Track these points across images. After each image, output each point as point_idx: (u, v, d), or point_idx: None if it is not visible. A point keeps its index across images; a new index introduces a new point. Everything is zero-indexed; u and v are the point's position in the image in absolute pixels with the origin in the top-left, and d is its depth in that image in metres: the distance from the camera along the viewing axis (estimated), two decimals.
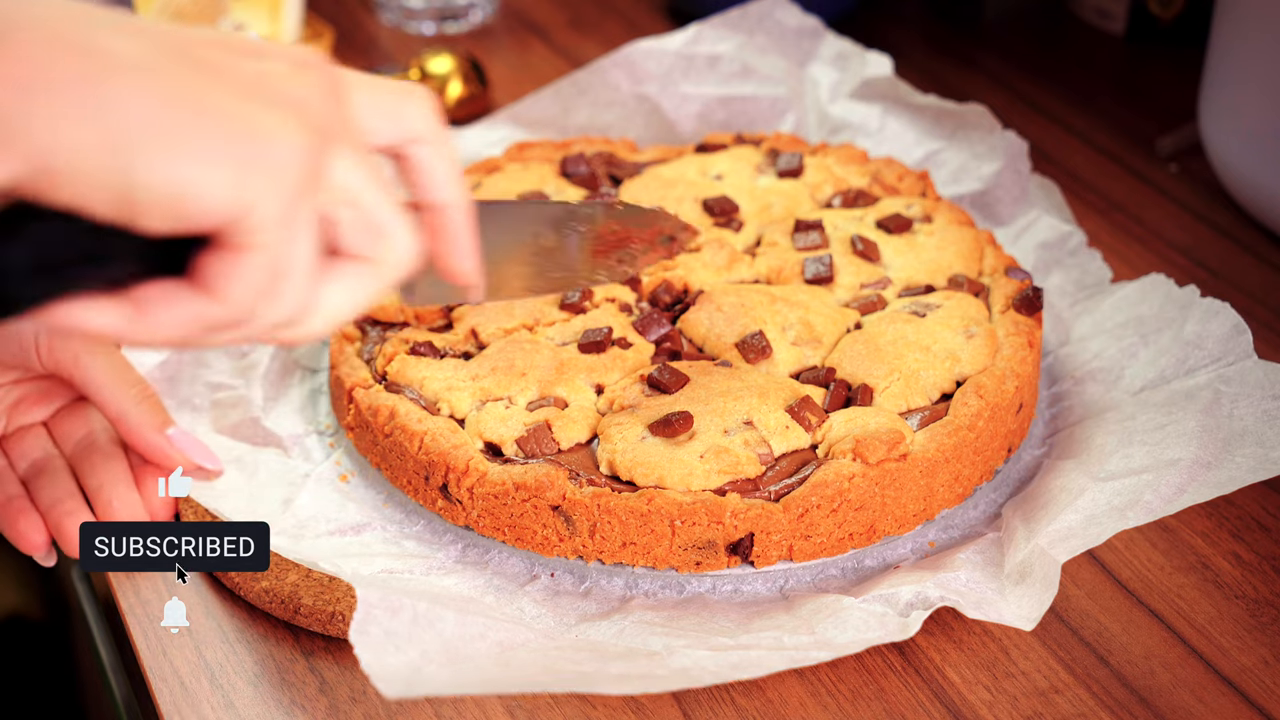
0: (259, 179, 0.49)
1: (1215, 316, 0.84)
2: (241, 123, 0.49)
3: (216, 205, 0.48)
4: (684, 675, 0.67)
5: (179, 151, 0.47)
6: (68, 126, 0.45)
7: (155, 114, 0.47)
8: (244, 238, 0.49)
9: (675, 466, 0.75)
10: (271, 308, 0.51)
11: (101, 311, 0.50)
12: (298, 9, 1.22)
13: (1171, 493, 0.75)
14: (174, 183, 0.47)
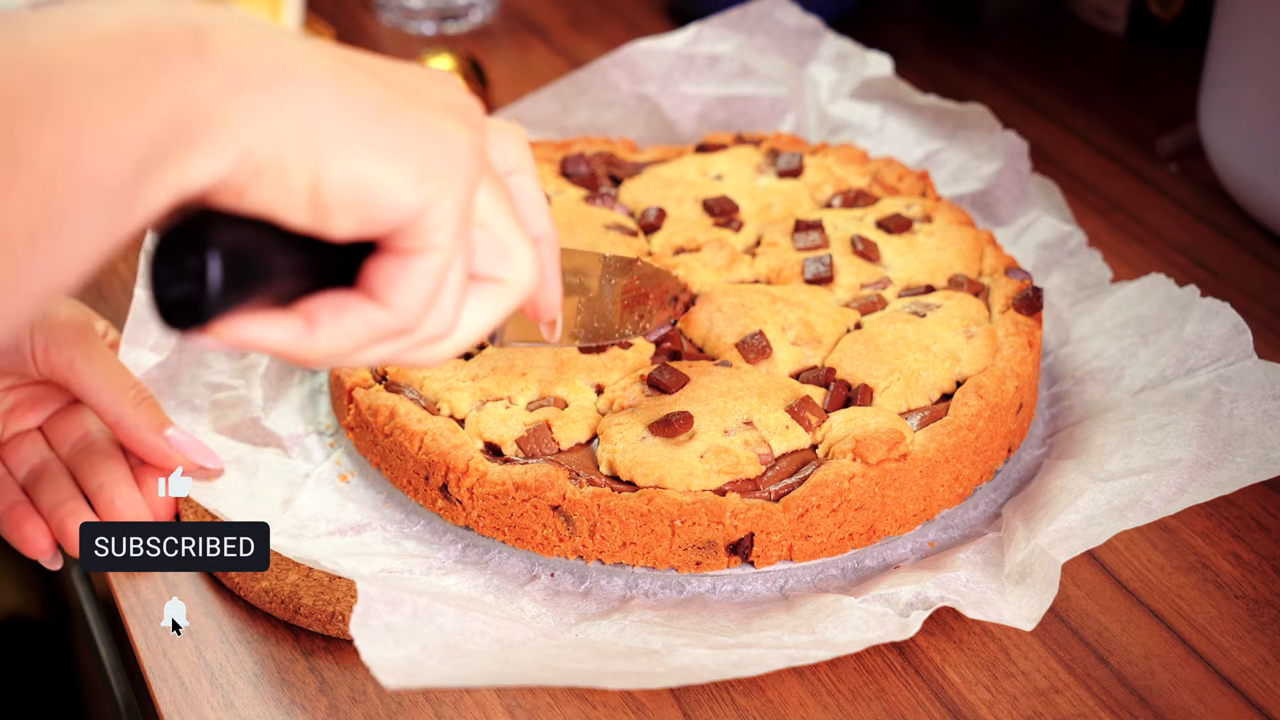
0: (438, 177, 0.50)
1: (1215, 316, 0.85)
2: (421, 123, 0.50)
3: (402, 203, 0.50)
4: (684, 673, 0.67)
5: (367, 149, 0.49)
6: (270, 121, 0.46)
7: (344, 113, 0.48)
8: (418, 240, 0.51)
9: (675, 466, 0.75)
10: (431, 318, 0.53)
11: (274, 326, 0.51)
12: (298, 9, 1.22)
13: (1171, 493, 0.75)
14: (363, 180, 0.49)
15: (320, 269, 0.51)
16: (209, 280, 0.47)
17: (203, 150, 0.45)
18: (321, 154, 0.47)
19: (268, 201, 0.47)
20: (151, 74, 0.44)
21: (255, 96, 0.46)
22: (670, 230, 0.92)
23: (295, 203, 0.48)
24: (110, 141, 0.42)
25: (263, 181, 0.47)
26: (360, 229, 0.50)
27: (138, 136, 0.43)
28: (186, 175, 0.45)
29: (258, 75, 0.46)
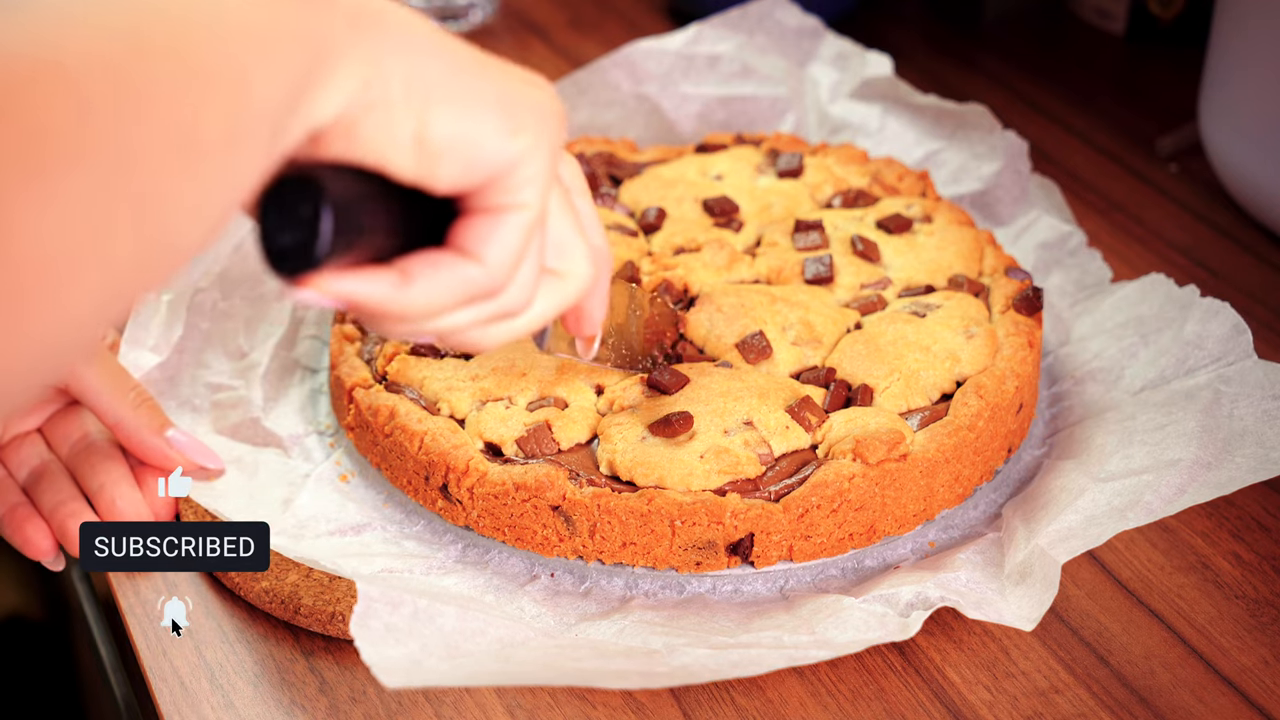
0: (531, 132, 0.53)
1: (1215, 316, 0.84)
2: (513, 83, 0.54)
3: (499, 150, 0.53)
4: (684, 672, 0.67)
5: (467, 96, 0.52)
6: (382, 60, 0.49)
7: (445, 62, 0.51)
8: (509, 194, 0.54)
9: (675, 467, 0.75)
10: (516, 282, 0.56)
11: (371, 281, 0.53)
12: None
13: (1171, 493, 0.75)
14: (465, 126, 0.52)
15: (415, 229, 0.54)
16: (321, 228, 0.49)
17: (332, 82, 0.48)
18: (427, 97, 0.50)
19: (378, 144, 0.50)
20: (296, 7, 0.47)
21: (371, 36, 0.49)
22: (670, 230, 0.92)
23: (401, 146, 0.50)
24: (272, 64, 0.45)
25: (374, 120, 0.49)
26: (461, 177, 0.52)
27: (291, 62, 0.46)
28: (319, 107, 0.48)
29: (373, 19, 0.49)
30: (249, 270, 0.90)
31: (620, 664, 0.67)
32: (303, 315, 0.92)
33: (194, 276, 0.87)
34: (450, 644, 0.66)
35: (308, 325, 0.91)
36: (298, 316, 0.91)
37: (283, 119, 0.46)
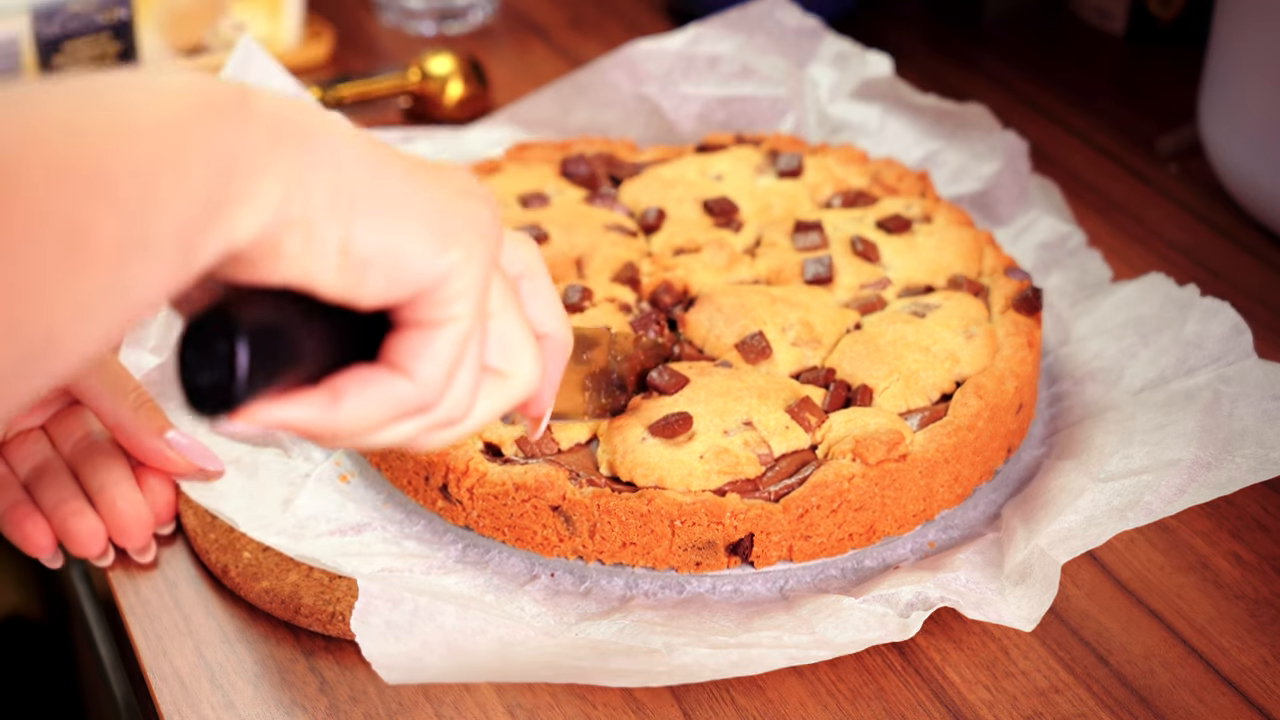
0: (462, 245, 0.51)
1: (1215, 316, 0.85)
2: (445, 193, 0.52)
3: (428, 267, 0.51)
4: (684, 671, 0.67)
5: (395, 211, 0.50)
6: (305, 176, 0.47)
7: (373, 175, 0.50)
8: (441, 309, 0.52)
9: (675, 467, 0.75)
10: (451, 395, 0.54)
11: (299, 406, 0.52)
12: (298, 9, 1.22)
13: (1171, 493, 0.75)
14: (392, 241, 0.50)
15: (347, 344, 0.52)
16: (238, 366, 0.47)
17: (250, 200, 0.46)
18: (352, 210, 0.49)
19: (299, 263, 0.48)
20: (211, 121, 0.45)
21: (291, 150, 0.47)
22: (670, 231, 0.92)
23: (326, 264, 0.49)
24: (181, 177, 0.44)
25: (295, 238, 0.48)
26: (387, 292, 0.51)
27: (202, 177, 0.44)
28: (237, 226, 0.46)
29: (295, 132, 0.48)
30: None
31: (620, 663, 0.68)
32: None
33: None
34: (451, 641, 0.66)
35: None
36: None
37: (195, 236, 0.45)
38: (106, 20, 1.12)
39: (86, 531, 0.74)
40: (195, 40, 1.17)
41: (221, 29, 1.18)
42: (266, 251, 0.47)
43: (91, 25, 1.11)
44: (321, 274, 0.49)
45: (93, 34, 1.12)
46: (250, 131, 0.46)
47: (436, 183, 0.52)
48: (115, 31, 1.13)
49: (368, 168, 0.50)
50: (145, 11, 1.14)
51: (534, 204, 0.94)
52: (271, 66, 0.91)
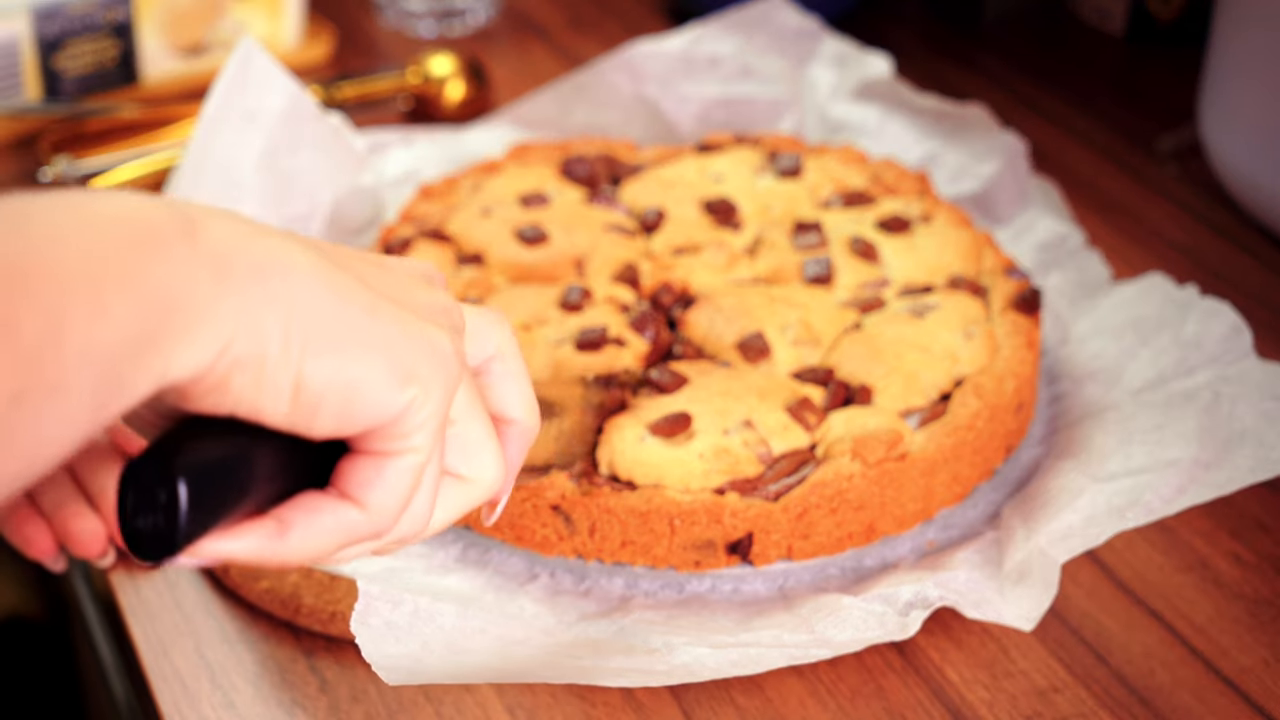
0: (421, 380, 0.49)
1: (1215, 316, 0.85)
2: (405, 326, 0.50)
3: (384, 403, 0.49)
4: (684, 670, 0.67)
5: (351, 347, 0.48)
6: (255, 315, 0.45)
7: (329, 311, 0.47)
8: (396, 441, 0.50)
9: (674, 466, 0.75)
10: (406, 519, 0.52)
11: (246, 538, 0.50)
12: (298, 9, 1.22)
13: (1171, 493, 0.75)
14: (347, 378, 0.48)
15: (293, 471, 0.50)
16: (179, 513, 0.46)
17: (187, 339, 0.44)
18: (305, 350, 0.47)
19: (248, 397, 0.46)
20: (145, 254, 0.43)
21: (241, 289, 0.45)
22: (670, 231, 0.92)
23: (276, 399, 0.47)
24: (100, 315, 0.41)
25: (244, 376, 0.46)
26: (340, 427, 0.49)
27: (127, 313, 0.42)
28: (170, 363, 0.44)
29: (245, 268, 0.46)
30: None
31: (620, 662, 0.68)
32: None
33: None
34: (450, 642, 0.66)
35: None
36: None
37: (119, 369, 0.42)
38: (106, 20, 1.12)
39: (88, 532, 0.73)
40: (195, 40, 1.17)
41: (221, 29, 1.18)
42: (211, 387, 0.46)
43: (91, 25, 1.12)
44: (271, 409, 0.47)
45: (93, 34, 1.12)
46: (193, 267, 0.44)
47: (398, 310, 0.50)
48: (115, 31, 1.13)
49: (327, 300, 0.47)
50: (145, 11, 1.14)
51: (534, 204, 0.94)
52: (272, 67, 0.91)
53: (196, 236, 0.45)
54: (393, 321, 0.49)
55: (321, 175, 0.94)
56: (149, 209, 0.44)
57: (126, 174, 1.02)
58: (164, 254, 0.44)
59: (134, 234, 0.43)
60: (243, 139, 0.90)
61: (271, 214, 0.92)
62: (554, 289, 0.87)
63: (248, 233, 0.47)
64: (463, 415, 0.54)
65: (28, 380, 0.40)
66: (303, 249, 0.48)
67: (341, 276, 0.49)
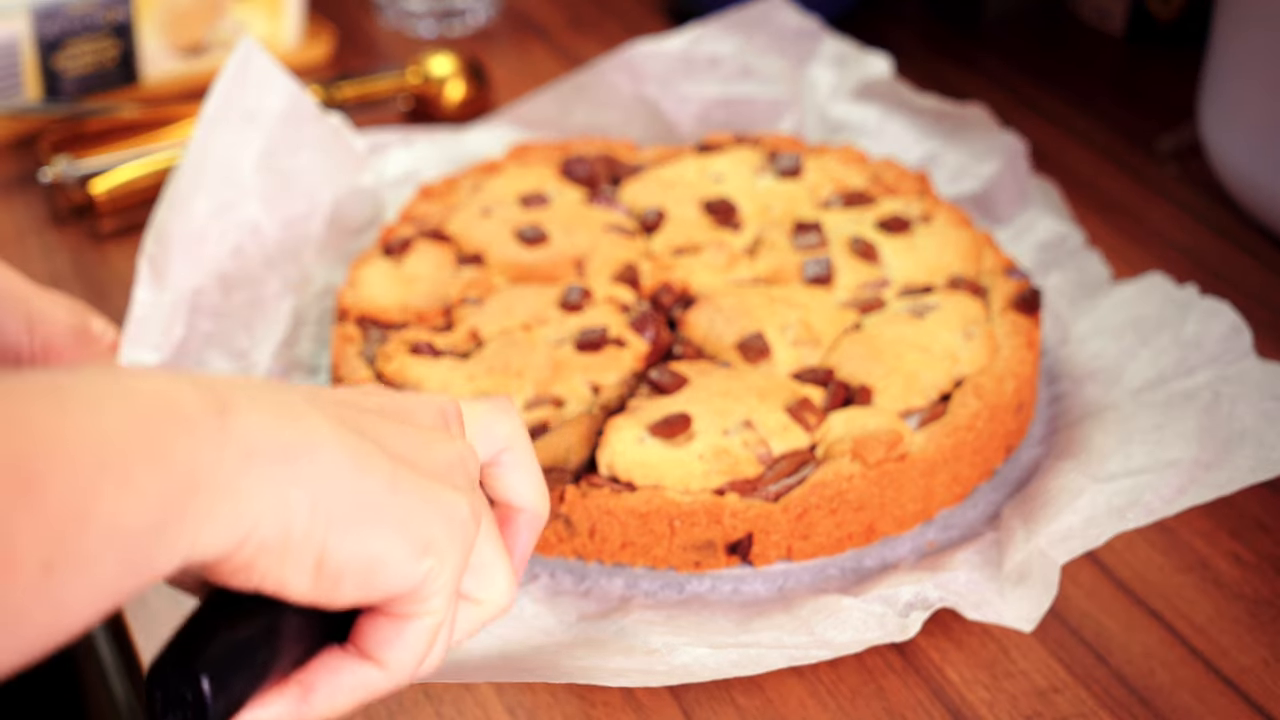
0: (439, 549, 0.51)
1: (1215, 316, 0.85)
2: (424, 494, 0.51)
3: (405, 575, 0.50)
4: (684, 671, 0.67)
5: (374, 524, 0.49)
6: (281, 499, 0.47)
7: (353, 489, 0.49)
8: (415, 605, 0.52)
9: (674, 467, 0.75)
10: (422, 668, 0.54)
11: (272, 706, 0.51)
12: (298, 9, 1.22)
13: (1171, 493, 0.75)
14: (369, 554, 0.49)
15: (314, 634, 0.52)
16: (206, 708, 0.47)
17: (212, 521, 0.45)
18: (329, 529, 0.48)
19: (273, 575, 0.48)
20: (176, 433, 0.44)
21: (268, 473, 0.46)
22: (670, 231, 0.92)
23: (300, 576, 0.48)
24: (129, 490, 0.42)
25: (269, 557, 0.47)
26: (361, 599, 0.50)
27: (156, 491, 0.43)
28: (196, 544, 0.45)
29: (273, 451, 0.46)
30: (249, 271, 0.90)
31: (619, 662, 0.68)
32: (303, 315, 0.92)
33: (194, 277, 0.87)
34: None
35: (308, 325, 0.91)
36: (298, 317, 0.91)
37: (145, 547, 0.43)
38: (106, 20, 1.12)
39: None
40: (195, 40, 1.17)
41: (221, 29, 1.18)
42: (237, 567, 0.47)
43: (91, 25, 1.12)
44: (295, 586, 0.48)
45: (93, 34, 1.12)
46: (223, 451, 0.45)
47: (417, 479, 0.51)
48: (115, 31, 1.13)
49: (350, 477, 0.49)
50: (145, 11, 1.14)
51: (534, 204, 0.94)
52: (271, 67, 0.91)
53: (227, 418, 0.46)
54: (412, 491, 0.51)
55: (321, 175, 0.94)
56: (182, 388, 0.45)
57: (126, 174, 1.02)
58: (194, 434, 0.45)
59: (166, 412, 0.44)
60: (242, 139, 0.90)
61: (271, 214, 0.92)
62: (554, 289, 0.87)
63: (276, 412, 0.48)
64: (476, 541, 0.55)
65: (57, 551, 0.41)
66: (328, 423, 0.49)
67: (363, 447, 0.50)
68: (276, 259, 0.92)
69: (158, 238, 0.86)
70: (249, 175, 0.90)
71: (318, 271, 0.94)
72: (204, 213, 0.87)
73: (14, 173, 1.09)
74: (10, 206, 1.06)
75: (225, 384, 0.47)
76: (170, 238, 0.86)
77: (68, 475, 0.41)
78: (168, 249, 0.85)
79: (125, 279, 0.96)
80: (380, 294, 0.88)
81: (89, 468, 0.41)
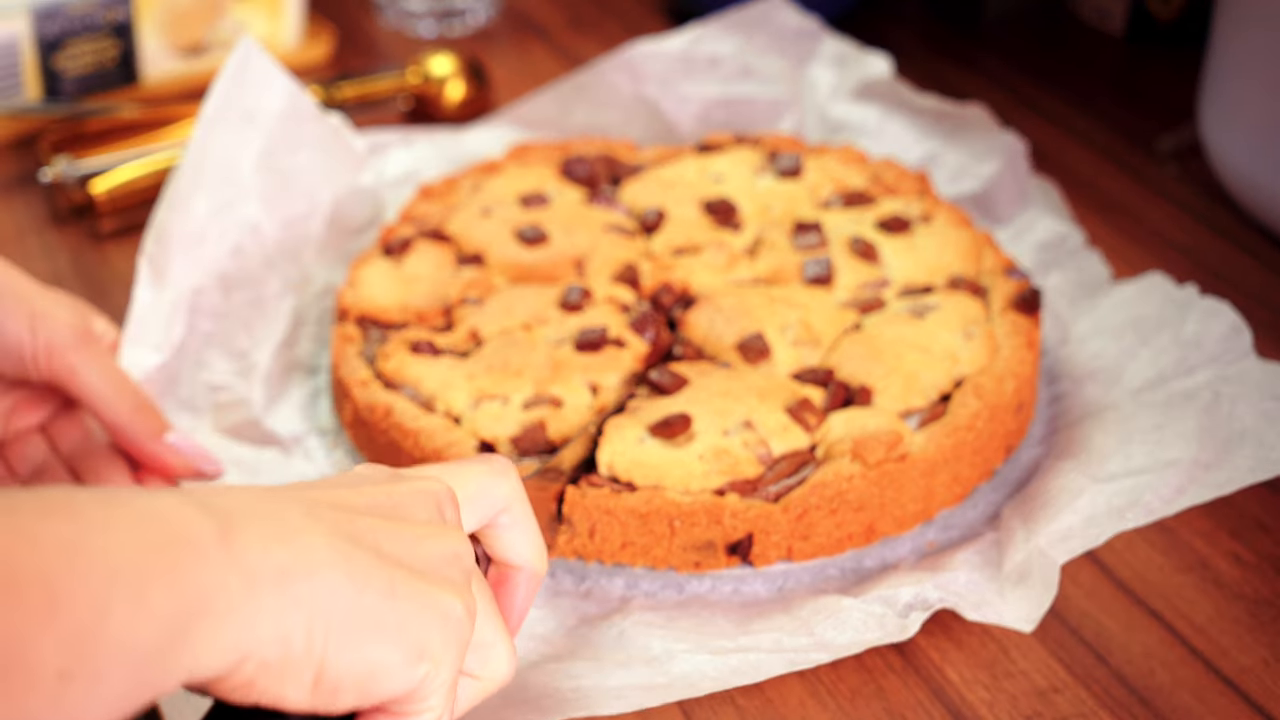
0: (435, 653, 0.51)
1: (1215, 316, 0.85)
2: (419, 599, 0.51)
3: (403, 680, 0.51)
4: (684, 683, 0.67)
5: (372, 635, 0.50)
6: (281, 620, 0.47)
7: (351, 603, 0.49)
8: (412, 705, 0.52)
9: (674, 467, 0.75)
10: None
11: None
12: (298, 9, 1.22)
13: (1171, 493, 0.75)
14: (367, 664, 0.50)
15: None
16: None
17: (212, 642, 0.45)
18: (327, 645, 0.48)
19: (272, 691, 0.48)
20: (183, 554, 0.45)
21: (269, 596, 0.47)
22: (670, 231, 0.92)
23: (299, 691, 0.49)
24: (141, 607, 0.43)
25: (268, 675, 0.48)
26: (359, 705, 0.51)
27: (166, 609, 0.44)
28: (197, 664, 0.45)
29: (272, 573, 0.47)
30: (249, 271, 0.90)
31: (619, 678, 0.68)
32: (303, 315, 0.92)
33: (194, 277, 0.87)
34: None
35: (308, 325, 0.91)
36: (298, 317, 0.91)
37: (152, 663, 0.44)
38: (106, 20, 1.12)
39: None
40: (195, 40, 1.17)
41: (221, 29, 1.18)
42: (236, 685, 0.47)
43: (91, 25, 1.12)
44: (294, 699, 0.49)
45: (93, 34, 1.12)
46: (226, 572, 0.46)
47: (413, 582, 0.51)
48: (115, 31, 1.13)
49: (347, 592, 0.49)
50: (145, 11, 1.14)
51: (534, 204, 0.94)
52: (271, 67, 0.91)
53: (230, 546, 0.46)
54: (408, 597, 0.51)
55: (321, 175, 0.94)
56: (186, 510, 0.46)
57: (126, 174, 1.02)
58: (200, 556, 0.45)
59: (174, 533, 0.45)
60: (242, 139, 0.90)
61: (271, 214, 0.92)
62: (554, 289, 0.87)
63: (275, 532, 0.48)
64: (478, 614, 0.55)
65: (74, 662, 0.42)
66: (324, 538, 0.49)
67: (360, 557, 0.50)
68: (276, 259, 0.92)
69: (158, 237, 0.86)
70: (249, 175, 0.90)
71: (318, 271, 0.94)
72: (204, 212, 0.87)
73: (14, 173, 1.09)
74: (10, 206, 1.06)
75: (227, 502, 0.48)
76: (170, 237, 0.86)
77: (85, 591, 0.42)
78: (168, 249, 0.85)
79: (125, 279, 0.96)
80: (380, 294, 0.88)
81: (104, 584, 0.42)
